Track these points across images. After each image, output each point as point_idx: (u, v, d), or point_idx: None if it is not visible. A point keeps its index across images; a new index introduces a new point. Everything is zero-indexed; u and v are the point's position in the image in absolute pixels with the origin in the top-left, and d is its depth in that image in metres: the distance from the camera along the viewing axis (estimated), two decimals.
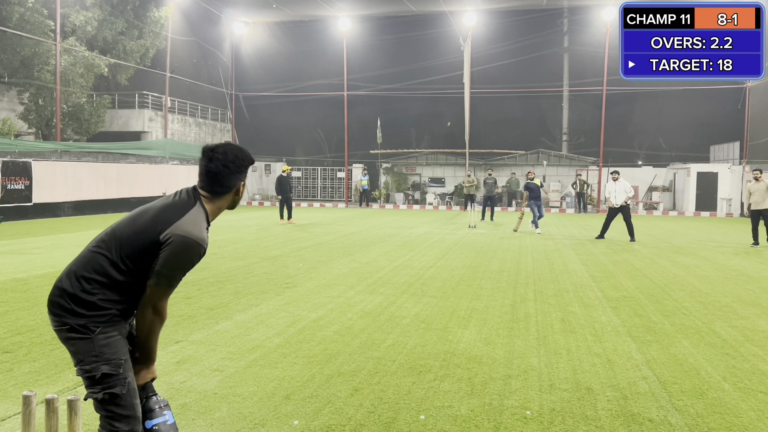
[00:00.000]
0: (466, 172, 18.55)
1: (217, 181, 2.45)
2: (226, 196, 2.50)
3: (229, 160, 2.45)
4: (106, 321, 2.33)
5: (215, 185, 2.46)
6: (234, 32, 31.67)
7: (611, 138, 28.37)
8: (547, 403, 3.91)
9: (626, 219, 13.88)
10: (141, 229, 2.36)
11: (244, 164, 2.50)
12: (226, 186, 2.47)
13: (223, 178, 2.45)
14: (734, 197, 25.17)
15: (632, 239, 13.80)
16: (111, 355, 2.31)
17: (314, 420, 3.61)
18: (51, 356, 4.75)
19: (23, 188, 18.32)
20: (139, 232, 2.36)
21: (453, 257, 10.83)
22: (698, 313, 6.57)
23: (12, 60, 20.16)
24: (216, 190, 2.47)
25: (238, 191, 2.53)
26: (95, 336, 2.30)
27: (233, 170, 2.46)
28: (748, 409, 3.86)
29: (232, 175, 2.47)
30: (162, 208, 2.42)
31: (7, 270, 8.85)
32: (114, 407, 2.31)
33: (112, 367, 2.30)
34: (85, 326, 2.30)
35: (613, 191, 13.92)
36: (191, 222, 2.36)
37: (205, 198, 2.47)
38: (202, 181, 2.48)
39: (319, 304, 6.80)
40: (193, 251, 2.34)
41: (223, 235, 14.14)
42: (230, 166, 2.45)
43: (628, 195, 13.87)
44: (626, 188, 13.88)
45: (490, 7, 28.13)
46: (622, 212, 13.92)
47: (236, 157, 2.47)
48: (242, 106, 32.27)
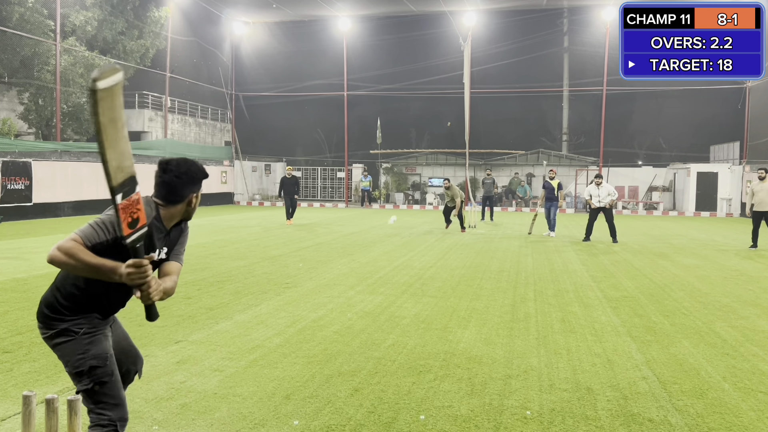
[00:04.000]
0: (444, 183, 16.38)
1: (171, 190, 2.63)
2: (179, 206, 2.67)
3: (182, 172, 2.63)
4: (87, 322, 2.56)
5: (169, 195, 2.64)
6: (234, 32, 31.66)
7: (611, 138, 28.36)
8: (547, 403, 3.91)
9: (609, 220, 13.70)
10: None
11: (197, 177, 2.68)
12: (178, 195, 2.64)
13: (176, 188, 2.63)
14: (734, 197, 25.16)
15: (614, 240, 13.61)
16: (97, 351, 2.53)
17: (314, 420, 3.61)
18: (51, 356, 4.74)
19: (23, 188, 18.32)
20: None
21: (453, 257, 10.83)
22: (698, 313, 6.57)
23: (12, 60, 20.16)
24: (170, 199, 2.64)
25: (191, 202, 2.70)
26: (79, 337, 2.53)
27: (186, 181, 2.64)
28: (748, 409, 3.86)
29: (184, 186, 2.64)
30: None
31: (7, 270, 8.85)
32: (103, 396, 2.52)
33: (99, 360, 2.52)
34: (68, 330, 2.53)
35: (596, 194, 13.75)
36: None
37: (161, 206, 2.66)
38: (157, 191, 2.67)
39: (319, 304, 6.80)
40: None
41: (223, 235, 14.14)
42: (183, 177, 2.63)
43: (612, 198, 13.69)
44: (610, 191, 13.71)
45: (490, 7, 28.13)
46: (604, 213, 13.72)
47: (189, 169, 2.66)
48: (242, 106, 32.27)
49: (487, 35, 28.64)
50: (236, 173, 30.84)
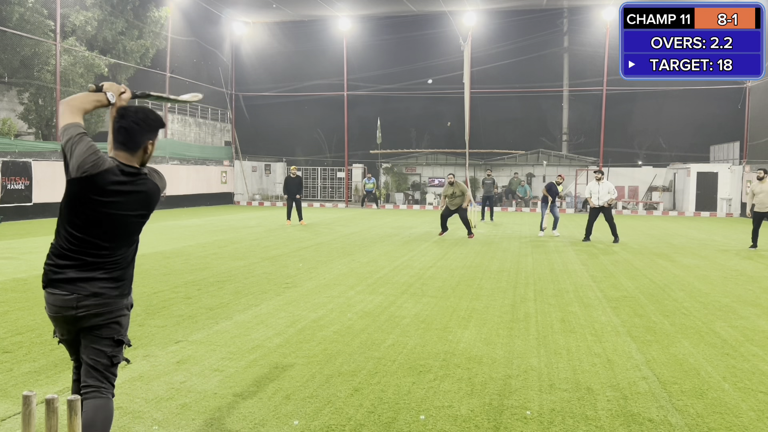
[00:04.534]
0: (448, 178, 14.76)
1: (128, 136, 2.70)
2: (136, 153, 2.73)
3: (140, 119, 2.71)
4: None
5: (127, 141, 2.70)
6: (234, 32, 31.65)
7: (611, 138, 28.35)
8: (547, 403, 3.91)
9: (608, 220, 13.58)
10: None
11: (154, 125, 2.76)
12: (135, 142, 2.71)
13: (133, 134, 2.70)
14: (734, 197, 25.16)
15: (615, 240, 13.51)
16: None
17: (314, 420, 3.61)
18: (51, 356, 4.74)
19: (23, 188, 18.32)
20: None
21: (453, 257, 10.83)
22: (698, 313, 6.57)
23: (12, 60, 20.16)
24: (128, 146, 2.70)
25: (147, 150, 2.75)
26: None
27: (143, 128, 2.71)
28: (748, 409, 3.86)
29: (142, 133, 2.71)
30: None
31: (7, 270, 8.85)
32: (121, 357, 2.81)
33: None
34: (132, 304, 2.88)
35: (596, 191, 13.58)
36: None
37: (118, 154, 2.73)
38: (114, 137, 2.73)
39: (319, 304, 6.80)
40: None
41: (223, 235, 14.14)
42: (141, 123, 2.71)
43: (611, 196, 13.54)
44: (609, 189, 13.54)
45: (490, 7, 28.12)
46: (603, 213, 13.60)
47: (147, 116, 2.73)
48: (242, 106, 32.27)
49: (487, 35, 28.63)
50: (236, 173, 30.84)
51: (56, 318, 2.70)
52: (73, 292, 2.63)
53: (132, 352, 4.88)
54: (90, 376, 2.71)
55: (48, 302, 2.68)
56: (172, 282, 8.04)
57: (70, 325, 2.70)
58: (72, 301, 2.63)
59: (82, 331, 2.71)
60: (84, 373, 2.74)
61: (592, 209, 13.77)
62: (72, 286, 2.63)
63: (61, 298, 2.64)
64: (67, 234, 2.66)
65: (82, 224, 2.63)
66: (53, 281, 2.65)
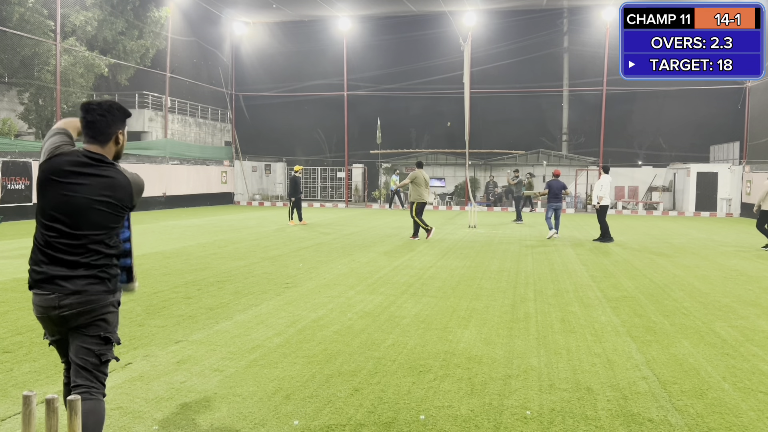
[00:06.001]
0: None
1: (98, 130, 2.74)
2: (107, 145, 2.77)
3: (105, 110, 2.75)
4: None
5: (96, 134, 2.74)
6: (234, 32, 31.65)
7: (611, 138, 28.35)
8: (547, 403, 3.91)
9: (597, 219, 13.59)
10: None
11: (119, 114, 2.79)
12: (105, 134, 2.75)
13: (102, 127, 2.74)
14: (734, 197, 25.16)
15: (600, 240, 13.46)
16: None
17: (314, 420, 3.61)
18: (51, 356, 4.74)
19: (23, 188, 18.32)
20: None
21: (453, 257, 10.83)
22: (698, 313, 6.57)
23: (12, 60, 20.16)
24: (98, 139, 2.75)
25: (118, 140, 2.81)
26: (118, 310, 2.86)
27: (109, 119, 2.75)
28: (748, 409, 3.86)
29: (110, 125, 2.75)
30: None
31: (7, 270, 8.85)
32: (110, 356, 2.79)
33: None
34: (119, 301, 2.86)
35: (598, 188, 13.55)
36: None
37: (91, 147, 2.76)
38: (85, 134, 2.77)
39: (319, 304, 6.80)
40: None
41: (223, 235, 14.14)
42: (107, 115, 2.75)
43: (598, 194, 13.43)
44: (599, 186, 13.46)
45: (490, 7, 28.12)
46: (596, 212, 13.62)
47: (111, 107, 2.77)
48: (242, 106, 32.26)
49: (487, 35, 28.64)
50: (236, 173, 30.84)
51: (43, 318, 2.71)
52: (53, 292, 2.62)
53: (132, 352, 4.88)
54: (79, 375, 2.70)
55: (34, 303, 2.70)
56: (172, 282, 8.04)
57: (57, 325, 2.70)
58: (54, 300, 2.63)
59: (70, 331, 2.70)
60: (73, 373, 2.72)
61: (598, 209, 13.65)
62: (52, 286, 2.63)
63: (44, 298, 2.64)
64: (39, 226, 2.70)
65: (48, 210, 2.65)
66: (36, 282, 2.66)
